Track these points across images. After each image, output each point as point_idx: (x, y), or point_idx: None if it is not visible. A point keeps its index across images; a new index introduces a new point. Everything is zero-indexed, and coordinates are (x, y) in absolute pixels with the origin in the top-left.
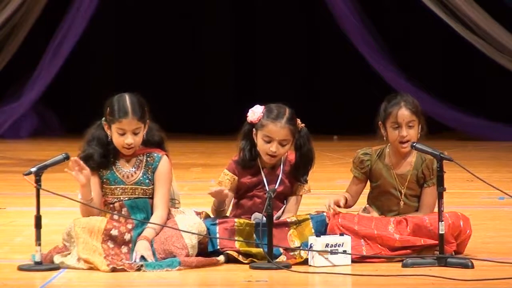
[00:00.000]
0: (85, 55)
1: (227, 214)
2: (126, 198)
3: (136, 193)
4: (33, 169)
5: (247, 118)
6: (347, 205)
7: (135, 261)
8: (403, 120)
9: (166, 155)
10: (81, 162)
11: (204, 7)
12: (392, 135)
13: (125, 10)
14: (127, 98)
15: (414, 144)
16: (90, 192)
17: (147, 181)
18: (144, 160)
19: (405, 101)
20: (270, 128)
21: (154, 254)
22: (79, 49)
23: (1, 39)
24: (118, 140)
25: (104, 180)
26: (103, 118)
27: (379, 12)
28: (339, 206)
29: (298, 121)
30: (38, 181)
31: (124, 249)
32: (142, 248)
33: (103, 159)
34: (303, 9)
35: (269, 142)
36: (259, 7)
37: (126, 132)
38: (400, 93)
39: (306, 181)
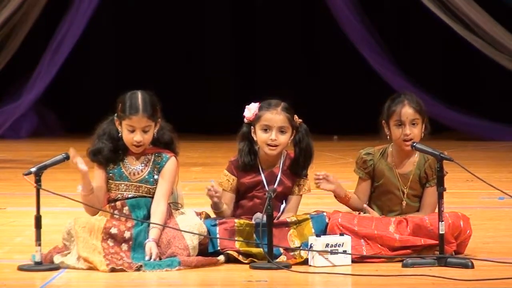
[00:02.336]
0: (85, 55)
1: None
2: (130, 195)
3: (140, 191)
4: (33, 169)
5: (244, 118)
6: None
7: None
8: (406, 118)
9: (175, 156)
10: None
11: (204, 7)
12: (395, 133)
13: (125, 10)
14: (139, 95)
15: (415, 144)
16: (90, 182)
17: (151, 179)
18: (152, 159)
19: (409, 99)
20: (266, 116)
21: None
22: (79, 49)
23: (1, 39)
24: (127, 137)
25: (110, 175)
26: (115, 114)
27: (379, 12)
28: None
29: (296, 116)
30: (38, 181)
31: (124, 246)
32: (153, 247)
33: (112, 154)
34: (303, 9)
35: (268, 131)
36: (259, 7)
37: (135, 129)
38: (404, 93)
39: (306, 176)
